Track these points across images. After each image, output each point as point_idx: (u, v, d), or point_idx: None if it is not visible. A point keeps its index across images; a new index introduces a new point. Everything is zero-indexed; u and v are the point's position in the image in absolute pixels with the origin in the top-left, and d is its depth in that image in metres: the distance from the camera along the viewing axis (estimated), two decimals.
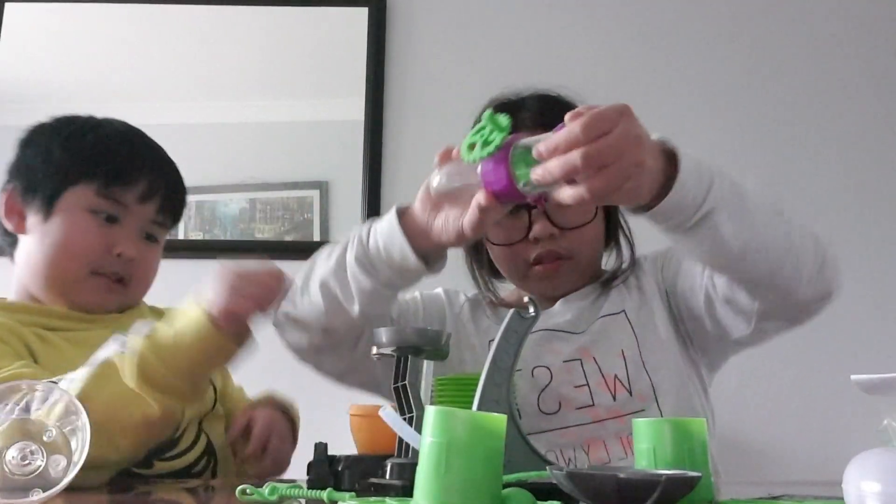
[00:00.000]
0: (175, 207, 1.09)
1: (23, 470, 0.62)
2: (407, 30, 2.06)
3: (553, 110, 1.05)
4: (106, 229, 1.01)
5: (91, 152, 1.02)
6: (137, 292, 1.08)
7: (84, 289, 1.01)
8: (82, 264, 1.00)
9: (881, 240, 1.92)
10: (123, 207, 1.02)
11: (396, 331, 0.73)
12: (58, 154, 1.02)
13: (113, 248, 1.00)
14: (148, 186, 1.02)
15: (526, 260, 1.05)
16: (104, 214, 1.00)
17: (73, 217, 1.00)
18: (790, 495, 0.64)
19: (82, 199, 1.00)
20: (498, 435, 0.51)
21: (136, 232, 1.03)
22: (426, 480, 0.50)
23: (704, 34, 2.05)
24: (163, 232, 1.08)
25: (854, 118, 2.00)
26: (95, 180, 1.00)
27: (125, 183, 1.01)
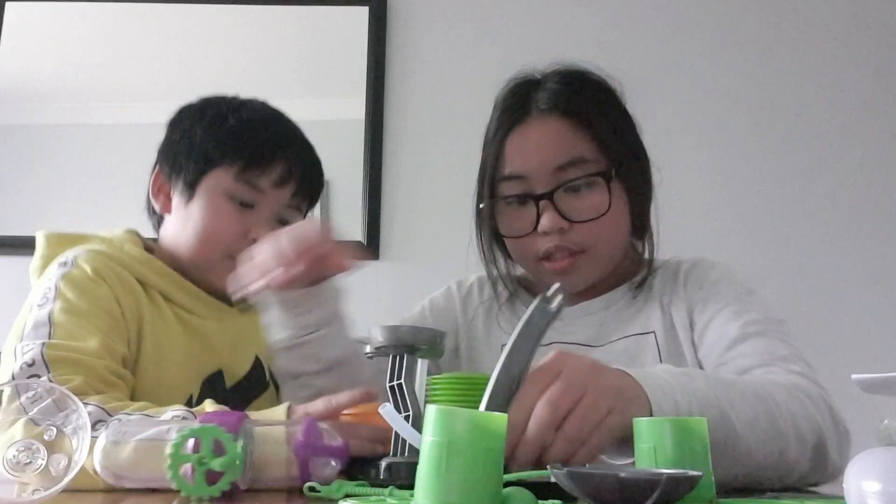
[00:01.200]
0: (311, 191, 1.09)
1: (24, 468, 0.62)
2: (407, 29, 2.06)
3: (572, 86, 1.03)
4: (242, 214, 1.02)
5: (230, 136, 1.03)
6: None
7: (220, 272, 1.00)
8: (218, 249, 1.01)
9: (882, 239, 1.92)
10: (259, 192, 1.02)
11: (391, 329, 0.73)
12: (200, 137, 1.04)
13: (248, 233, 1.01)
14: (283, 171, 1.03)
15: (535, 254, 1.00)
16: (240, 199, 1.02)
17: (212, 202, 1.02)
18: (791, 494, 0.64)
19: (221, 184, 1.02)
20: (498, 434, 0.51)
21: (271, 216, 1.04)
22: (427, 479, 0.50)
23: (708, 30, 2.05)
24: (298, 216, 1.08)
25: (855, 117, 2.00)
26: (234, 165, 1.01)
27: (261, 168, 1.02)
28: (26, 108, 2.02)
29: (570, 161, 0.98)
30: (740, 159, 1.98)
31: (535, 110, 1.01)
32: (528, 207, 0.99)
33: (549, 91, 1.02)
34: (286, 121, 1.10)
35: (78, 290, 0.92)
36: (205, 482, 0.62)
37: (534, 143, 1.00)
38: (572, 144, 0.99)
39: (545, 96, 1.01)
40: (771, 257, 1.90)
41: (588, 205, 0.98)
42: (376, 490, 0.63)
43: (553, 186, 0.98)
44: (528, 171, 1.00)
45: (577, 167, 0.99)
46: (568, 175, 0.98)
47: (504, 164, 1.01)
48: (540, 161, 0.99)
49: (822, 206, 1.95)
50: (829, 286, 1.90)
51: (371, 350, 0.75)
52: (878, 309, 1.87)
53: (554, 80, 1.04)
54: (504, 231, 1.03)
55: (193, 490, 0.62)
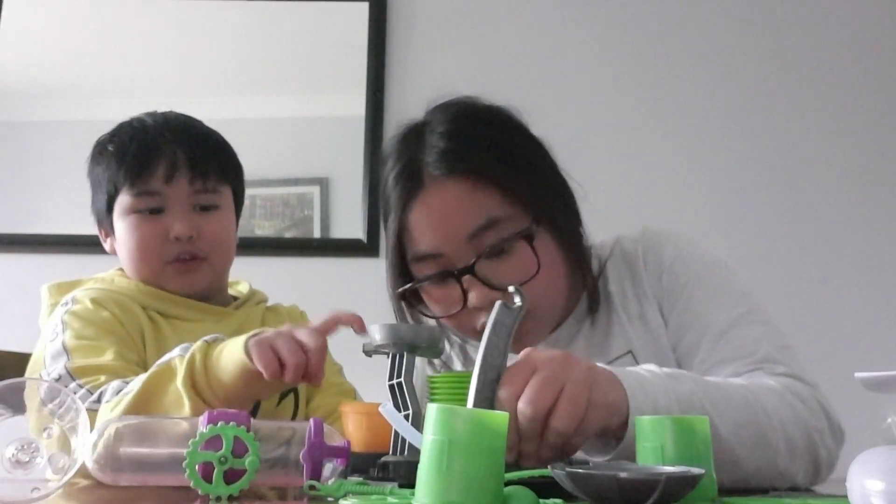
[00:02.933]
0: (212, 171, 1.09)
1: (23, 467, 0.62)
2: (407, 25, 2.05)
3: (461, 138, 0.92)
4: (155, 221, 1.05)
5: (111, 163, 1.06)
6: (218, 261, 1.10)
7: (167, 279, 1.06)
8: (152, 260, 1.05)
9: (883, 237, 1.92)
10: (157, 196, 1.05)
11: (391, 328, 0.73)
12: (94, 175, 1.09)
13: (168, 233, 1.04)
14: (167, 166, 1.05)
15: (473, 328, 0.91)
16: (146, 210, 1.05)
17: (125, 224, 1.06)
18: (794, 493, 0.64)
19: (125, 205, 1.05)
20: (500, 433, 0.51)
21: (184, 211, 1.05)
22: (428, 478, 0.50)
23: (704, 33, 2.05)
24: (211, 197, 1.08)
25: (856, 117, 1.99)
26: (124, 184, 1.05)
27: (146, 174, 1.04)
28: (25, 105, 2.01)
29: (483, 225, 0.88)
30: (739, 159, 1.98)
31: (426, 178, 0.90)
32: (452, 286, 0.90)
33: (437, 151, 0.90)
34: (167, 123, 1.10)
35: (83, 320, 0.99)
36: (223, 481, 0.62)
37: (437, 215, 0.89)
38: (480, 206, 0.88)
39: (433, 160, 0.90)
40: (771, 257, 1.90)
41: (515, 267, 0.88)
42: (376, 489, 0.63)
43: (472, 258, 0.88)
44: (440, 248, 0.89)
45: (493, 230, 0.88)
46: (485, 241, 0.88)
47: (412, 242, 0.91)
48: (450, 233, 0.89)
49: (821, 206, 1.94)
50: (829, 285, 1.89)
51: (370, 348, 0.75)
52: (881, 306, 1.87)
53: (439, 131, 0.92)
54: (434, 312, 0.94)
55: (212, 489, 0.61)
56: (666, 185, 1.95)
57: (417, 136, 0.94)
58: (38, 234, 1.92)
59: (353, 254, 1.93)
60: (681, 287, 0.93)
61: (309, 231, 1.96)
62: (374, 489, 0.63)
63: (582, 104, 1.98)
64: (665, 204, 1.92)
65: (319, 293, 1.90)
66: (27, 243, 1.91)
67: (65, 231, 1.89)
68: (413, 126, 0.96)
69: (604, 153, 1.94)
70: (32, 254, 1.91)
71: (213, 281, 1.11)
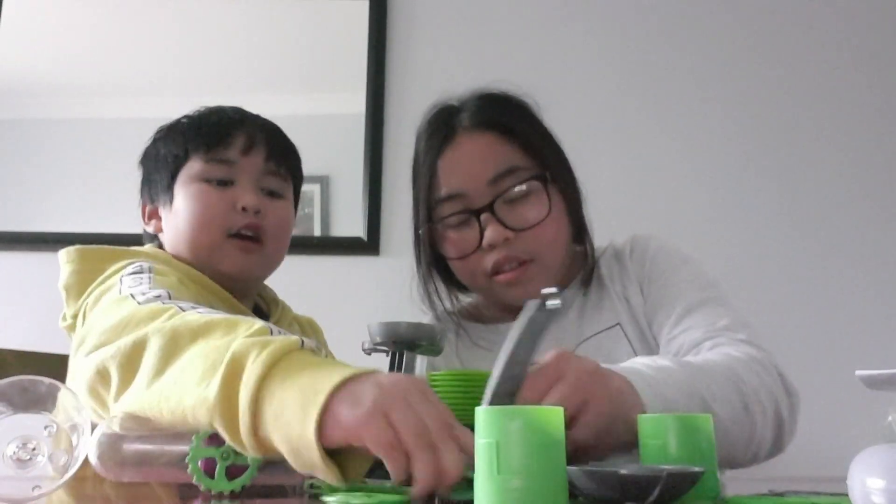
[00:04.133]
0: (284, 155, 1.09)
1: (24, 465, 0.62)
2: (407, 23, 2.05)
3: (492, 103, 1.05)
4: (222, 192, 1.02)
5: (187, 131, 1.05)
6: (274, 250, 1.08)
7: (224, 254, 1.02)
8: (214, 230, 1.01)
9: (884, 236, 1.92)
10: (231, 165, 1.03)
11: (391, 325, 0.73)
12: (162, 148, 1.06)
13: (236, 203, 1.02)
14: (247, 139, 1.04)
15: (484, 271, 1.00)
16: (216, 180, 1.03)
17: (191, 191, 1.02)
18: (794, 491, 0.64)
19: (193, 172, 1.03)
20: (556, 428, 0.50)
21: (251, 185, 1.04)
22: (482, 483, 0.49)
23: (706, 29, 2.05)
24: (280, 184, 1.08)
25: (857, 116, 1.99)
26: (198, 151, 1.03)
27: (225, 143, 1.03)
28: (25, 103, 2.01)
29: (505, 171, 1.00)
30: (739, 159, 1.98)
31: (460, 128, 1.03)
32: (470, 227, 1.00)
33: (471, 110, 1.04)
34: (240, 109, 1.12)
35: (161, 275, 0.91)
36: (225, 477, 0.62)
37: (466, 159, 1.02)
38: (503, 155, 1.01)
39: (468, 115, 1.04)
40: (772, 256, 1.90)
41: (528, 212, 0.99)
42: (377, 486, 0.63)
43: (491, 199, 0.99)
44: (465, 188, 1.01)
45: (513, 175, 1.00)
46: (504, 185, 1.00)
47: (438, 185, 1.03)
48: (474, 175, 1.00)
49: (823, 205, 1.94)
50: (829, 283, 1.89)
51: (370, 346, 0.75)
52: (882, 304, 1.87)
53: (473, 100, 1.06)
54: (449, 254, 1.04)
55: (214, 485, 0.61)
56: (667, 184, 1.95)
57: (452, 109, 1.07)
58: (38, 231, 1.92)
59: (354, 252, 1.93)
60: (660, 272, 1.03)
61: (309, 229, 1.96)
62: (375, 487, 0.62)
63: (583, 104, 1.98)
64: (666, 203, 1.92)
65: (320, 291, 1.90)
66: (28, 241, 1.92)
67: (65, 229, 1.89)
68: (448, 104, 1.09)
69: (604, 152, 1.94)
70: (33, 252, 1.91)
71: (264, 271, 1.09)
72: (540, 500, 0.49)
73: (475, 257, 1.00)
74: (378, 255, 1.93)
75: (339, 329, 1.30)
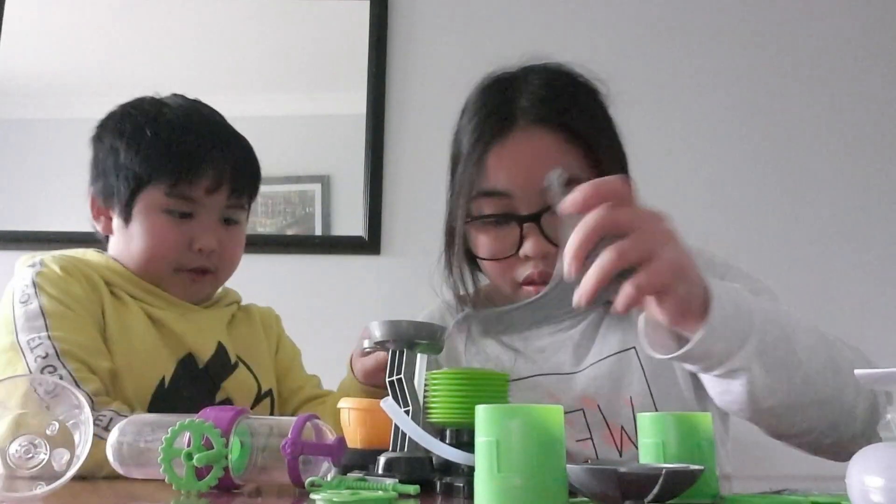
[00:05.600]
0: (248, 187, 1.08)
1: (26, 463, 0.62)
2: (408, 23, 2.05)
3: (560, 94, 0.94)
4: (182, 226, 1.02)
5: (153, 153, 1.01)
6: (223, 276, 1.09)
7: (171, 285, 1.03)
8: (165, 264, 1.02)
9: (885, 233, 1.92)
10: (194, 202, 1.02)
11: (392, 324, 0.72)
12: (123, 156, 1.03)
13: (192, 243, 1.02)
14: (214, 178, 1.02)
15: (514, 279, 0.92)
16: (177, 213, 1.01)
17: (150, 220, 1.01)
18: (793, 490, 0.64)
19: (155, 201, 1.01)
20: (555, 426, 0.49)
21: (213, 222, 1.04)
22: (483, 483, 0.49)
23: (711, 24, 2.05)
24: (240, 212, 1.08)
25: (857, 115, 1.99)
26: (163, 182, 1.01)
27: (191, 180, 1.01)
28: (26, 103, 2.02)
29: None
30: (739, 158, 1.98)
31: (520, 121, 0.92)
32: (509, 230, 0.91)
33: (535, 98, 0.92)
34: (209, 121, 1.08)
35: (56, 288, 0.95)
36: (194, 476, 0.63)
37: (520, 159, 0.91)
38: (563, 163, 0.89)
39: (530, 105, 0.92)
40: (772, 254, 1.90)
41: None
42: (377, 485, 0.63)
43: (539, 208, 0.89)
44: (513, 190, 0.91)
45: (568, 188, 0.90)
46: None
47: (484, 178, 0.92)
48: (527, 179, 0.90)
49: (821, 203, 1.94)
50: (830, 281, 1.89)
51: (370, 345, 0.74)
52: (881, 302, 1.87)
53: (538, 84, 0.94)
54: (481, 252, 0.94)
55: (183, 484, 0.63)
56: (668, 183, 1.95)
57: (512, 83, 0.95)
58: (39, 231, 1.92)
59: (355, 251, 1.93)
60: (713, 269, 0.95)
61: (310, 228, 1.96)
62: (375, 485, 0.63)
63: None
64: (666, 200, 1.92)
65: (321, 290, 1.91)
66: (28, 241, 1.92)
67: (65, 229, 1.89)
68: (506, 76, 0.97)
69: None
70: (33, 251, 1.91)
71: (215, 290, 1.10)
72: (540, 498, 0.49)
73: (508, 262, 0.92)
74: (379, 255, 1.93)
75: (339, 328, 1.30)
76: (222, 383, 1.03)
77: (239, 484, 0.65)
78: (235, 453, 0.65)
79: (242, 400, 1.04)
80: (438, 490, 0.64)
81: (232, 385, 1.03)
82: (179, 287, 1.04)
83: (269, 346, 1.15)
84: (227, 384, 1.03)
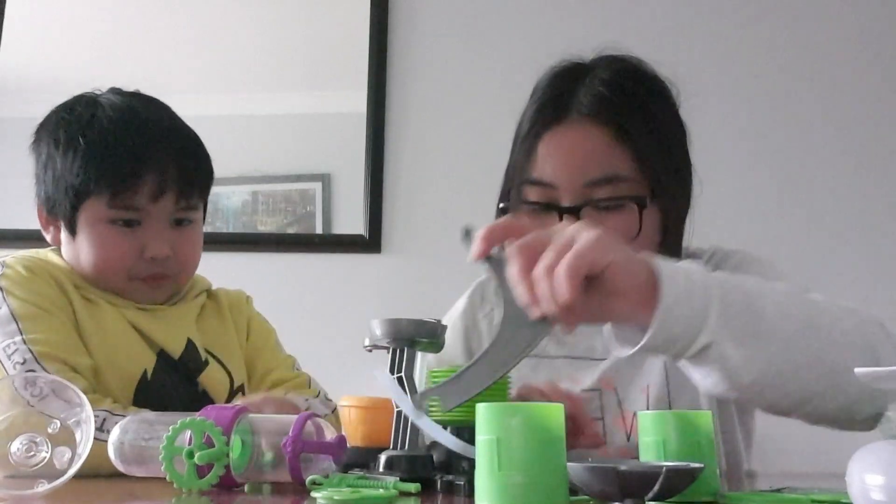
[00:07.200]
0: (198, 186, 1.02)
1: (28, 461, 0.62)
2: (409, 22, 2.05)
3: (621, 90, 0.94)
4: (130, 235, 0.98)
5: (88, 164, 0.96)
6: (185, 278, 1.06)
7: (131, 292, 1.00)
8: (117, 275, 0.99)
9: (886, 233, 1.92)
10: (139, 210, 0.97)
11: (392, 322, 0.73)
12: (60, 167, 0.98)
13: (143, 251, 0.98)
14: (156, 185, 0.96)
15: None
16: (121, 222, 0.97)
17: (95, 232, 0.97)
18: (793, 487, 0.64)
19: (98, 213, 0.97)
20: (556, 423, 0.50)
21: (162, 227, 0.99)
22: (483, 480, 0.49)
23: (711, 31, 2.04)
24: (192, 212, 1.02)
25: (857, 115, 1.99)
26: (103, 192, 0.96)
27: (132, 190, 0.96)
28: (28, 101, 2.02)
29: (605, 178, 0.90)
30: (740, 155, 1.98)
31: (574, 112, 0.93)
32: (550, 219, 0.91)
33: (593, 92, 0.93)
34: (147, 120, 1.01)
35: (23, 288, 0.93)
36: (195, 475, 0.63)
37: (567, 152, 0.92)
38: (609, 159, 0.91)
39: (589, 98, 0.93)
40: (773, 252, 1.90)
41: (615, 227, 0.88)
42: (377, 483, 0.63)
43: (581, 202, 0.90)
44: (558, 181, 0.92)
45: (612, 186, 0.90)
46: (599, 193, 0.90)
47: (533, 166, 0.94)
48: (572, 171, 0.91)
49: (821, 203, 1.94)
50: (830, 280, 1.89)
51: (370, 344, 0.75)
52: (882, 301, 1.87)
53: (601, 78, 0.94)
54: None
55: (184, 482, 0.63)
56: None
57: (578, 74, 0.95)
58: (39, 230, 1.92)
59: (355, 249, 1.93)
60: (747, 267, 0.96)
61: (311, 227, 1.96)
62: (376, 483, 0.63)
63: None
64: None
65: (321, 289, 1.91)
66: (29, 240, 1.92)
67: None
68: (576, 65, 0.97)
69: None
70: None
71: (176, 291, 1.06)
72: (540, 496, 0.49)
73: None
74: (380, 253, 1.93)
75: (339, 327, 1.30)
76: (197, 378, 1.01)
77: (240, 482, 0.65)
78: (236, 451, 0.65)
79: (217, 395, 1.02)
80: (439, 488, 0.65)
81: (206, 380, 1.01)
82: (138, 294, 1.01)
83: (238, 335, 1.12)
84: (202, 378, 1.02)
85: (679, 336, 0.64)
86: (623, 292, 0.63)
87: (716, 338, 0.64)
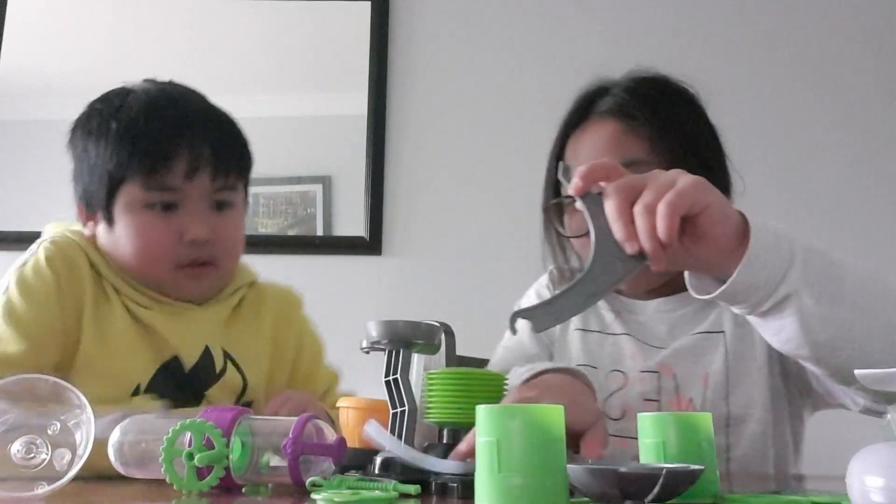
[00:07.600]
0: (235, 165, 0.99)
1: (28, 463, 0.62)
2: (410, 24, 2.05)
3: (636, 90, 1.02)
4: (168, 219, 0.94)
5: (119, 146, 0.94)
6: (229, 266, 1.02)
7: (175, 285, 0.97)
8: (162, 264, 0.95)
9: (887, 232, 1.92)
10: (175, 191, 0.94)
11: (388, 323, 0.72)
12: (94, 155, 0.97)
13: (183, 235, 0.94)
14: (190, 162, 0.93)
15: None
16: (159, 205, 0.94)
17: (133, 220, 0.95)
18: (793, 489, 0.64)
19: (133, 198, 0.94)
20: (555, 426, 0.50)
21: (201, 208, 0.96)
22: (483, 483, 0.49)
23: (708, 32, 2.05)
24: (231, 194, 0.99)
25: (858, 115, 1.99)
26: (137, 174, 0.93)
27: (165, 168, 0.93)
28: (26, 103, 2.02)
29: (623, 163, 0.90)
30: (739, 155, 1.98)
31: (594, 114, 1.02)
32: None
33: (615, 95, 1.02)
34: (178, 101, 0.99)
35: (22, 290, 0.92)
36: (195, 476, 0.63)
37: (587, 145, 1.00)
38: (626, 146, 0.98)
39: (608, 102, 1.02)
40: None
41: None
42: (376, 485, 0.63)
43: None
44: None
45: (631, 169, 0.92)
46: None
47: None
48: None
49: (821, 202, 1.94)
50: None
51: (367, 345, 0.74)
52: None
53: (624, 85, 1.04)
54: (564, 231, 1.02)
55: (184, 484, 0.63)
56: None
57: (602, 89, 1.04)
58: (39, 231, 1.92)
59: (356, 251, 1.93)
60: None
61: (312, 229, 1.96)
62: (376, 485, 0.63)
63: None
64: None
65: (322, 291, 1.90)
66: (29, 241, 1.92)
67: None
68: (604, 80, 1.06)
69: None
70: None
71: (221, 285, 1.03)
72: (540, 498, 0.49)
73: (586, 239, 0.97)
74: (380, 255, 1.94)
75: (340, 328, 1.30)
76: (206, 391, 0.98)
77: (240, 484, 0.65)
78: (236, 453, 0.65)
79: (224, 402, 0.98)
80: (433, 490, 0.64)
81: (215, 392, 0.98)
82: (183, 285, 0.97)
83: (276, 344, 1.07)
84: (212, 392, 0.98)
85: (761, 284, 0.67)
86: (713, 238, 0.67)
87: (796, 290, 0.67)
